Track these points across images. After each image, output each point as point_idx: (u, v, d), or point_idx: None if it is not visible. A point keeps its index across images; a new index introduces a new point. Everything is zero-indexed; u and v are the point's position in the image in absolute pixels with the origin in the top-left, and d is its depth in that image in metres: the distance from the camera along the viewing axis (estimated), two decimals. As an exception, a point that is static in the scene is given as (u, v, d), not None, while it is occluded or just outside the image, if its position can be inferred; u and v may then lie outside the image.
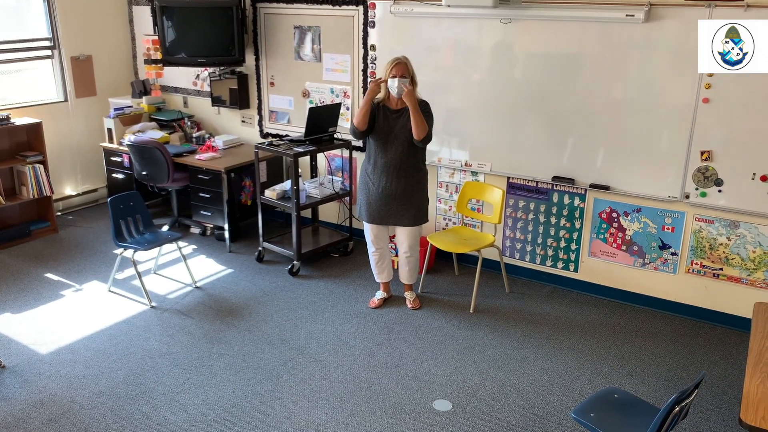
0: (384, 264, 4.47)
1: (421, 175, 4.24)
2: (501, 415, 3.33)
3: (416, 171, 4.18)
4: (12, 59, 5.60)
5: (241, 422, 3.25)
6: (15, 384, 3.55)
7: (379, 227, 4.33)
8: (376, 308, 4.45)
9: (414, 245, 4.34)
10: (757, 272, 4.04)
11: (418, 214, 4.24)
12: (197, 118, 6.21)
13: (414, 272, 4.45)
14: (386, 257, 4.46)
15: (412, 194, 4.18)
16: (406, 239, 4.30)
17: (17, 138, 5.47)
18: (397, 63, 3.96)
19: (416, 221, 4.24)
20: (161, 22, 5.46)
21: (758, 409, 2.28)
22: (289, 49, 5.43)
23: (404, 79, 3.94)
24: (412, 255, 4.36)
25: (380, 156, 4.13)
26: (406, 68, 3.96)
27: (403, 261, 4.40)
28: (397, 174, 4.12)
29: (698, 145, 3.98)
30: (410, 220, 4.22)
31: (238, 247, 5.41)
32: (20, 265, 5.03)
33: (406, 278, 4.46)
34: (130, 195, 4.64)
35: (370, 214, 4.26)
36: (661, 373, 3.71)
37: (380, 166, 4.14)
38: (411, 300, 4.48)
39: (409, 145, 4.08)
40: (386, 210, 4.21)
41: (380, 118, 4.10)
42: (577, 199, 4.53)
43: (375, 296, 4.54)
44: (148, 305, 4.42)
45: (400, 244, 4.36)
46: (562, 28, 4.20)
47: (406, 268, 4.42)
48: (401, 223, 4.24)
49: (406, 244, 4.32)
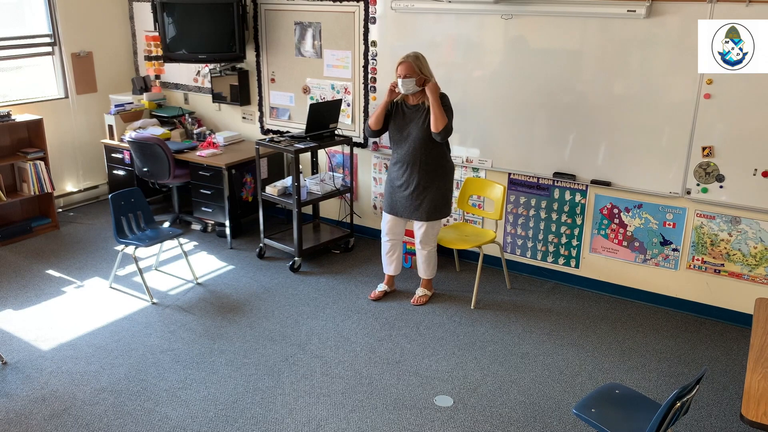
0: (394, 256, 4.47)
1: (442, 171, 4.19)
2: (502, 411, 3.34)
3: (435, 166, 4.15)
4: (13, 56, 5.60)
5: (242, 418, 3.26)
6: (16, 380, 3.55)
7: (394, 219, 4.36)
8: (375, 300, 4.46)
9: (426, 240, 4.32)
10: (759, 268, 4.04)
11: (433, 210, 4.21)
12: (198, 114, 6.21)
13: (428, 267, 4.42)
14: (397, 249, 4.47)
15: (427, 189, 4.16)
16: (417, 232, 4.33)
17: (18, 134, 5.47)
18: (401, 63, 4.00)
19: (429, 216, 4.22)
20: (162, 18, 5.46)
21: (759, 404, 2.28)
22: (289, 46, 5.42)
23: (409, 79, 3.96)
24: (423, 248, 4.36)
25: (397, 151, 4.21)
26: (411, 67, 3.97)
27: (418, 254, 4.43)
28: (411, 169, 4.14)
29: (700, 141, 3.97)
30: (423, 215, 4.22)
31: (239, 243, 5.42)
32: (21, 262, 5.04)
33: (421, 272, 4.47)
34: (131, 191, 4.64)
35: (387, 204, 4.34)
36: (662, 369, 3.71)
37: (398, 161, 4.21)
38: (418, 296, 4.47)
39: (425, 140, 4.07)
40: (402, 203, 4.25)
41: (398, 115, 4.15)
42: (578, 195, 4.52)
43: (377, 288, 4.56)
44: (150, 302, 4.43)
45: (415, 236, 4.39)
46: (564, 23, 4.20)
47: (420, 260, 4.43)
48: (414, 217, 4.26)
49: (417, 237, 4.35)
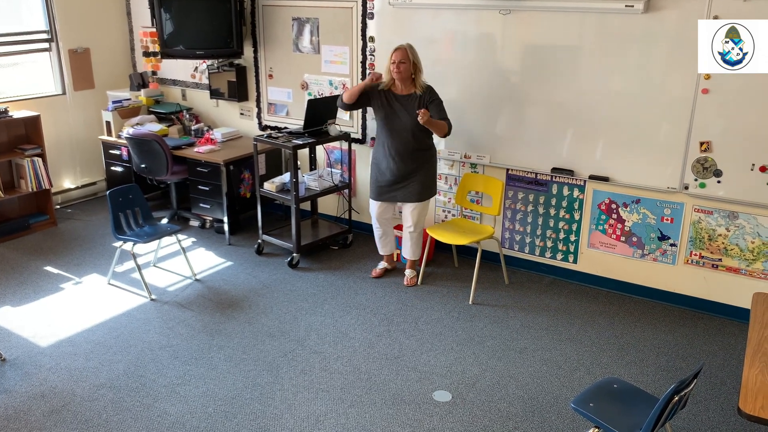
0: (387, 240, 4.65)
1: (429, 155, 4.37)
2: (500, 406, 3.35)
3: (423, 152, 4.32)
4: (9, 52, 5.58)
5: (241, 414, 3.26)
6: (15, 377, 3.55)
7: (383, 205, 4.49)
8: (376, 277, 4.64)
9: (418, 222, 4.46)
10: (756, 263, 4.05)
11: (423, 191, 4.37)
12: (196, 110, 6.20)
13: (416, 248, 4.58)
14: (389, 234, 4.64)
15: (416, 172, 4.32)
16: (410, 215, 4.44)
17: (15, 131, 5.46)
18: (397, 50, 4.11)
19: (421, 197, 4.37)
20: (159, 14, 5.44)
21: (757, 398, 2.29)
22: (287, 41, 5.41)
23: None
24: (415, 230, 4.50)
25: (387, 140, 4.29)
26: (406, 54, 4.10)
27: (406, 236, 4.56)
28: (402, 157, 4.27)
29: (697, 136, 3.98)
30: (415, 197, 4.36)
31: (238, 239, 5.41)
32: (19, 259, 5.03)
33: (408, 254, 4.61)
34: (129, 188, 4.64)
35: (375, 191, 4.44)
36: (660, 363, 3.72)
37: (387, 150, 4.29)
38: (409, 277, 4.61)
39: (415, 131, 4.19)
40: (391, 189, 4.37)
41: (384, 103, 4.22)
42: (576, 190, 4.53)
43: (378, 266, 4.73)
44: (148, 298, 4.43)
45: (405, 220, 4.51)
46: (562, 18, 4.19)
47: (408, 243, 4.57)
48: (406, 200, 4.38)
49: (410, 219, 4.45)
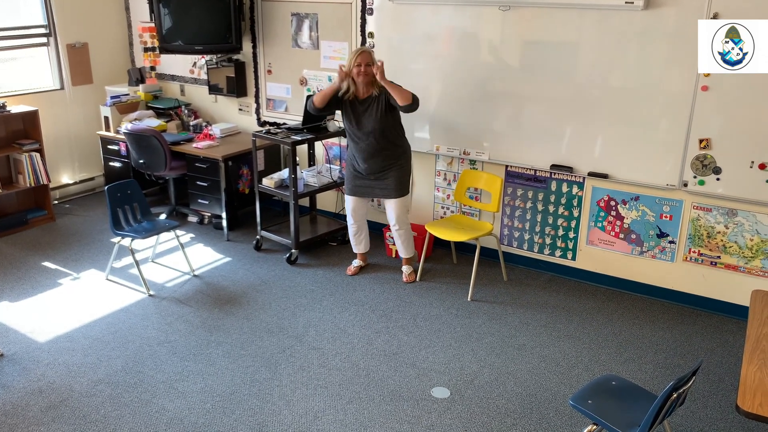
0: (361, 236, 4.71)
1: (400, 151, 4.42)
2: (499, 403, 3.35)
3: (394, 148, 4.37)
4: (7, 47, 5.56)
5: (239, 409, 3.26)
6: (13, 372, 3.55)
7: (357, 201, 4.55)
8: (352, 275, 4.68)
9: (401, 217, 4.49)
10: (755, 260, 4.05)
11: (400, 187, 4.42)
12: (194, 106, 6.18)
13: (407, 245, 4.62)
14: (363, 230, 4.70)
15: (391, 168, 4.37)
16: (392, 212, 4.48)
17: (13, 126, 5.45)
18: (362, 52, 4.15)
19: (400, 193, 4.43)
20: (158, 9, 5.42)
21: (755, 395, 2.29)
22: (286, 37, 5.40)
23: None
24: (401, 228, 4.53)
25: (356, 143, 4.36)
26: (371, 57, 4.17)
27: (395, 236, 4.60)
28: (373, 157, 4.33)
29: (697, 133, 3.97)
30: (393, 192, 4.41)
31: (236, 235, 5.41)
32: (17, 254, 5.02)
33: (402, 252, 4.65)
34: (127, 183, 4.63)
35: (350, 187, 4.51)
36: (658, 361, 3.73)
37: (358, 151, 4.36)
38: (407, 274, 4.65)
39: (383, 130, 4.26)
40: (366, 184, 4.44)
41: (348, 113, 4.29)
42: (575, 187, 4.52)
43: (352, 264, 4.76)
44: (146, 293, 4.42)
45: (389, 219, 4.54)
46: (561, 15, 4.18)
47: (399, 242, 4.61)
48: (385, 196, 4.44)
49: (393, 216, 4.49)
